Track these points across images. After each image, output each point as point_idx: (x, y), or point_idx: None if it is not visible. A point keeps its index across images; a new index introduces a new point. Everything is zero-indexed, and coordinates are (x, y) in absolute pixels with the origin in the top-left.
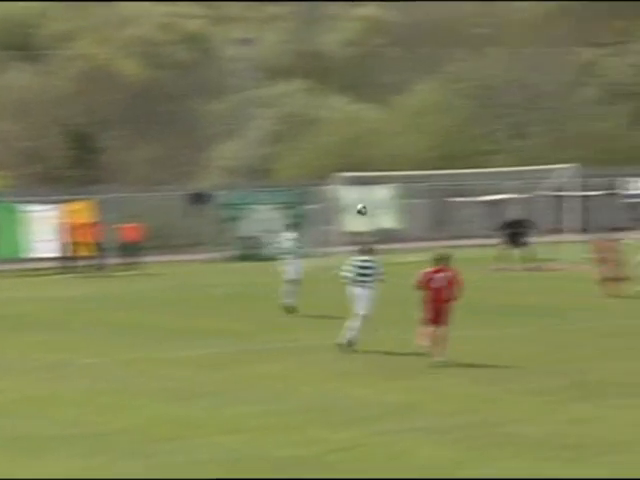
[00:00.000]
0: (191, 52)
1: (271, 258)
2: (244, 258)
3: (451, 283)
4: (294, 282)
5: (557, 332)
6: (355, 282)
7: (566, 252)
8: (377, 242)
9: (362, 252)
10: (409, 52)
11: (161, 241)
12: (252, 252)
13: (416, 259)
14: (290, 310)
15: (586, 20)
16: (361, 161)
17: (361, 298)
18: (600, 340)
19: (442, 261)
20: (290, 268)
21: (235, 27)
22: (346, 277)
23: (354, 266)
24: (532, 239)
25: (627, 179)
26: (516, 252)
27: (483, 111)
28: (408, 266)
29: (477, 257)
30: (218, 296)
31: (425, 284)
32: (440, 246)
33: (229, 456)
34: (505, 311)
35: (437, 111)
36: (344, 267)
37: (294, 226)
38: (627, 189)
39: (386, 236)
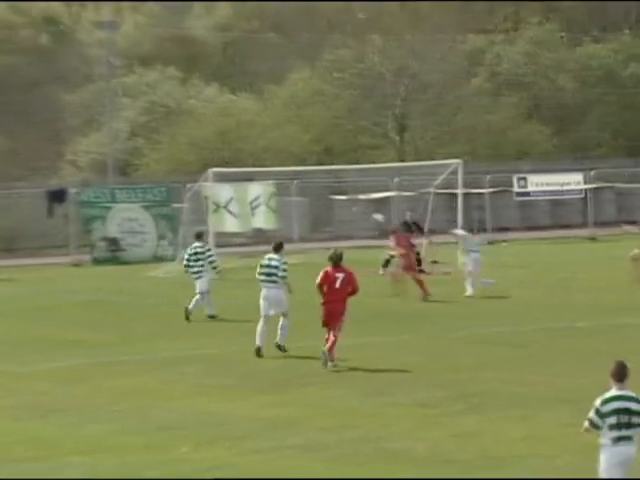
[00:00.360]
0: (47, 36)
1: (136, 261)
2: (106, 261)
3: (349, 283)
4: (207, 293)
5: (439, 340)
6: (261, 282)
7: (452, 254)
8: (252, 243)
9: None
10: (285, 38)
11: (12, 243)
12: (115, 255)
13: (294, 261)
14: (213, 317)
15: (473, 5)
16: (235, 156)
17: (267, 299)
18: (477, 348)
19: (339, 259)
20: (203, 280)
21: (96, 10)
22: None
23: (260, 265)
24: (420, 241)
25: (519, 176)
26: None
27: (365, 102)
28: (290, 269)
29: (360, 260)
30: (77, 303)
31: (329, 283)
32: (320, 248)
33: (87, 478)
34: (390, 317)
35: (316, 102)
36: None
37: (201, 235)
38: (518, 186)
39: (261, 237)
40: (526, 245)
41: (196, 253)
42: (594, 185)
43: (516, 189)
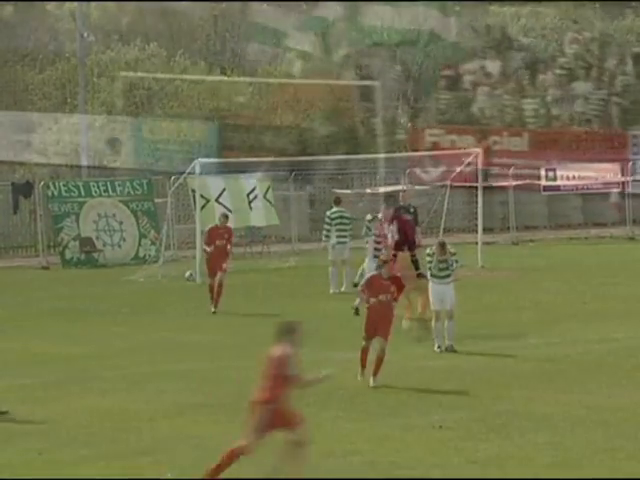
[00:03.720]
0: (10, 7)
1: (113, 263)
2: (80, 263)
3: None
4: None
5: (457, 354)
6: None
7: (473, 256)
8: (244, 244)
9: None
10: (281, 9)
11: None
12: (90, 256)
13: (295, 264)
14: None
15: None
16: (226, 144)
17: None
18: (501, 363)
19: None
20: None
21: None
22: None
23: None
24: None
25: (547, 167)
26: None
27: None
28: (286, 273)
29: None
30: (45, 311)
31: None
32: (321, 249)
33: None
34: (401, 328)
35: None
36: None
37: (339, 201)
38: (546, 179)
39: (257, 236)
40: (555, 246)
41: (341, 217)
42: (633, 177)
43: (544, 182)
